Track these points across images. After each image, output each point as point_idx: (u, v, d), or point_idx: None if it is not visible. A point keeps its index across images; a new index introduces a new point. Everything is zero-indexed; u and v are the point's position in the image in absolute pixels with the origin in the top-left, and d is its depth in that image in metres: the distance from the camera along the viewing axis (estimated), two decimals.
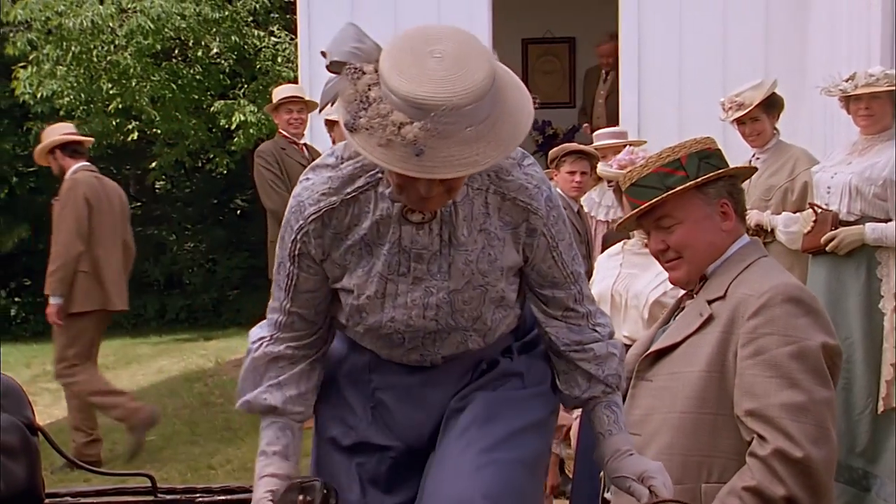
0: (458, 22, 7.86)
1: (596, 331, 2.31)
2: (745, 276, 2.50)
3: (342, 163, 2.09)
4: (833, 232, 4.65)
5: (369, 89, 1.83)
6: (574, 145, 6.06)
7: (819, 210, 4.74)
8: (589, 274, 4.94)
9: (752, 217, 5.10)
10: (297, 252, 2.13)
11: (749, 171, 2.80)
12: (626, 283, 3.91)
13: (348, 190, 2.09)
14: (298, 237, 2.12)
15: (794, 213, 5.03)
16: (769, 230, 5.11)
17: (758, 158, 5.30)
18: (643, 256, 3.89)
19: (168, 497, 2.26)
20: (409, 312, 2.17)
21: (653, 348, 2.59)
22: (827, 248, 4.67)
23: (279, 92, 7.15)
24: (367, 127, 1.81)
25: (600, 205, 6.09)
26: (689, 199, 2.55)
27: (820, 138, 6.26)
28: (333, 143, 7.01)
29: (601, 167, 5.36)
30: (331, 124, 6.99)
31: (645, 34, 7.63)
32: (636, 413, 2.54)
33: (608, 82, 8.74)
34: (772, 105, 5.25)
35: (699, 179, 2.53)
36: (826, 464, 2.31)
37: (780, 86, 5.33)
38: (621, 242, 4.11)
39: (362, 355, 2.33)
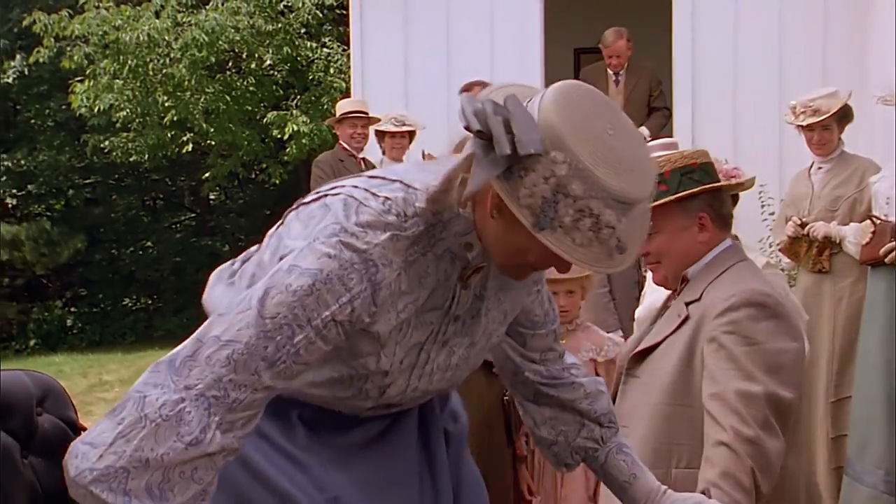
0: (510, 33, 7.89)
1: (572, 373, 2.20)
2: (719, 280, 2.66)
3: (405, 221, 1.74)
4: (893, 244, 4.57)
5: (569, 183, 1.59)
6: None
7: (878, 221, 4.66)
8: (641, 283, 4.91)
9: (819, 229, 5.04)
10: (336, 319, 1.69)
11: (732, 188, 2.89)
12: None
13: (410, 252, 1.75)
14: (353, 300, 1.69)
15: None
16: (836, 241, 5.03)
17: (820, 168, 5.23)
18: None
19: None
20: (431, 378, 1.91)
21: (640, 347, 2.75)
22: (886, 260, 4.58)
23: (344, 105, 7.21)
24: (573, 227, 1.59)
25: None
26: (668, 211, 2.69)
27: (879, 149, 6.16)
28: (384, 153, 7.07)
29: None
30: (381, 135, 7.03)
31: (699, 42, 7.57)
32: (625, 406, 2.67)
33: (621, 83, 7.69)
34: (844, 116, 5.17)
35: (678, 195, 2.68)
36: (774, 451, 2.39)
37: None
38: None
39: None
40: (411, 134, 7.14)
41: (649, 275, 4.24)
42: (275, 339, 1.66)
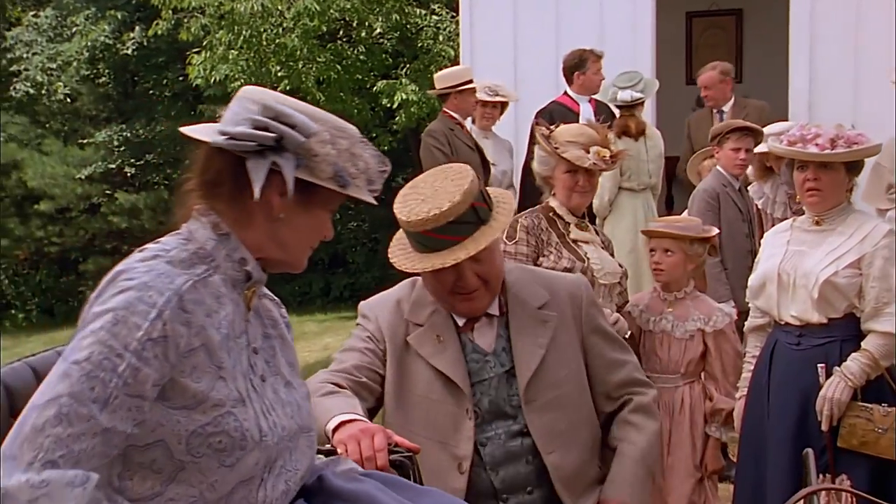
0: None
1: None
2: (535, 277, 2.93)
3: (171, 251, 1.86)
4: None
5: (337, 142, 1.92)
6: (739, 122, 5.89)
7: None
8: (754, 253, 4.82)
9: None
10: (151, 337, 1.72)
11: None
12: (795, 261, 3.80)
13: (196, 270, 1.84)
14: (161, 313, 1.73)
15: None
16: None
17: None
18: (813, 234, 3.78)
19: None
20: (283, 411, 1.92)
21: (529, 374, 2.72)
22: None
23: (453, 75, 7.07)
24: (357, 175, 1.94)
25: (775, 202, 5.89)
26: None
27: None
28: (473, 122, 7.08)
29: (771, 142, 5.21)
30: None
31: (818, 5, 7.35)
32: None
33: (728, 118, 6.87)
34: None
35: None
36: None
37: None
38: (790, 219, 3.99)
39: None
40: (503, 105, 7.11)
41: (764, 241, 4.17)
42: (98, 376, 1.67)
